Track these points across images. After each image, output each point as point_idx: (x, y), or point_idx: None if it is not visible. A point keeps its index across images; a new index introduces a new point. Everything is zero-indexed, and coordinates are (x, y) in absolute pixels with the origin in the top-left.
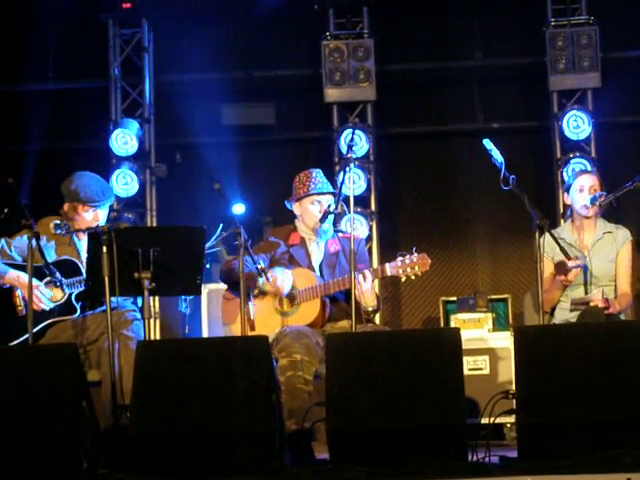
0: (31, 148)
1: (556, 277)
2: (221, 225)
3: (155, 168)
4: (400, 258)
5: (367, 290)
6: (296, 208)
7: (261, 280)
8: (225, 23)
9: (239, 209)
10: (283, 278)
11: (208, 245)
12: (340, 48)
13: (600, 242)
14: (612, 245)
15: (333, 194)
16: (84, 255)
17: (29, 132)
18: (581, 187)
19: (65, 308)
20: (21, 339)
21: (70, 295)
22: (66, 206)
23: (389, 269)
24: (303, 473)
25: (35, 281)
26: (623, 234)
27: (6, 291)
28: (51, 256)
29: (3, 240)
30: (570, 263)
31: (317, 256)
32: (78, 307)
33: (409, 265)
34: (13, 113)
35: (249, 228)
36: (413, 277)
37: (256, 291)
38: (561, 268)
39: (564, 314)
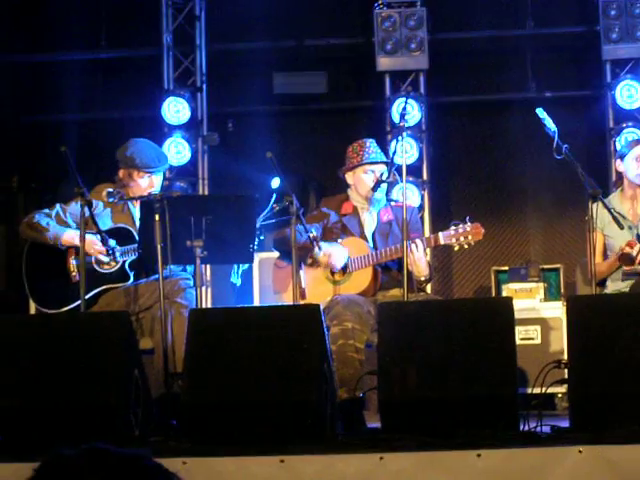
0: (83, 117)
1: (625, 268)
2: (274, 196)
3: (207, 137)
4: (453, 227)
5: (419, 259)
6: (349, 177)
7: (317, 251)
8: None
9: (275, 183)
10: (338, 254)
11: (261, 217)
12: (392, 17)
13: None
14: None
15: (386, 163)
16: (138, 222)
17: (81, 101)
18: (637, 156)
19: (118, 275)
20: (73, 305)
21: (123, 263)
22: (121, 172)
23: (442, 238)
24: (354, 441)
25: (92, 236)
26: None
27: (60, 258)
28: (107, 224)
29: (58, 206)
30: (634, 250)
31: (370, 225)
32: (132, 275)
33: (462, 234)
34: (65, 82)
35: (299, 197)
36: (466, 246)
37: (310, 260)
38: (626, 259)
39: (616, 284)
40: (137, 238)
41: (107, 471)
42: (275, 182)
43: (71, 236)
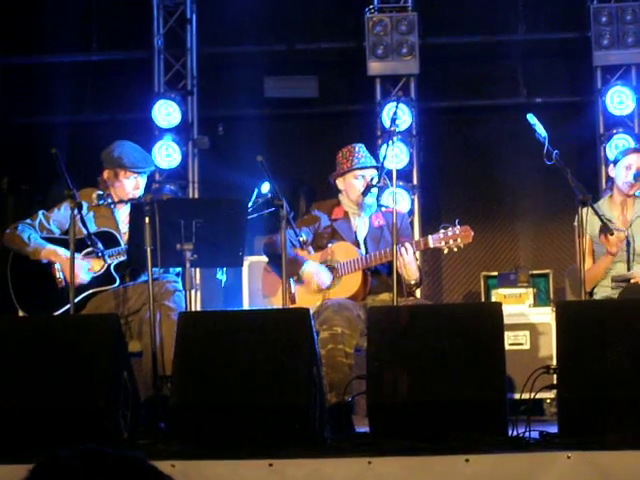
0: (74, 119)
1: (600, 239)
2: (256, 190)
3: (197, 140)
4: (443, 230)
5: (409, 262)
6: (340, 183)
7: (305, 265)
8: None
9: (265, 188)
10: (322, 274)
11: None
12: (384, 21)
13: (638, 220)
14: None
15: (376, 168)
16: (122, 226)
17: (72, 103)
18: (629, 165)
19: (105, 279)
20: (62, 310)
21: (109, 266)
22: (106, 173)
23: (432, 241)
24: (343, 446)
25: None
26: None
27: (46, 264)
28: (91, 227)
29: (41, 214)
30: (619, 233)
31: (362, 230)
32: (118, 278)
33: (452, 237)
34: (56, 84)
35: (289, 201)
36: (456, 249)
37: (296, 277)
38: (607, 230)
39: (605, 291)
40: (121, 241)
41: (103, 472)
42: (265, 187)
43: (50, 251)
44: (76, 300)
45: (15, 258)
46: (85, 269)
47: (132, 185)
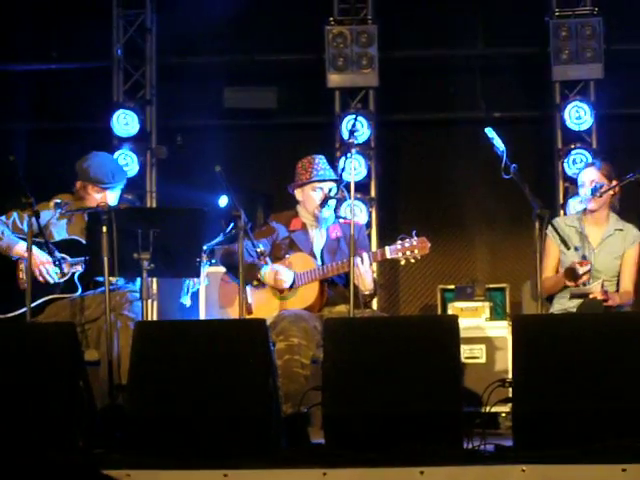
0: (33, 127)
1: (567, 282)
2: (232, 224)
3: (156, 150)
4: (400, 241)
5: (365, 272)
6: (298, 194)
7: (264, 268)
8: (228, 6)
9: (223, 201)
10: (284, 273)
11: (216, 242)
12: (343, 34)
13: (610, 238)
14: (621, 243)
15: (335, 181)
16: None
17: (31, 111)
18: (582, 182)
19: (67, 286)
20: (20, 311)
21: (73, 274)
22: (78, 184)
23: (389, 252)
24: (298, 456)
25: (47, 257)
26: (634, 235)
27: (11, 263)
28: (62, 234)
29: (15, 213)
30: (581, 269)
31: (319, 242)
32: (80, 287)
33: (409, 248)
34: (16, 92)
35: (247, 212)
36: (412, 260)
37: (255, 282)
38: (571, 274)
39: (562, 304)
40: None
41: None
42: (223, 200)
43: (22, 249)
44: (33, 305)
45: None
46: (54, 272)
47: (100, 198)
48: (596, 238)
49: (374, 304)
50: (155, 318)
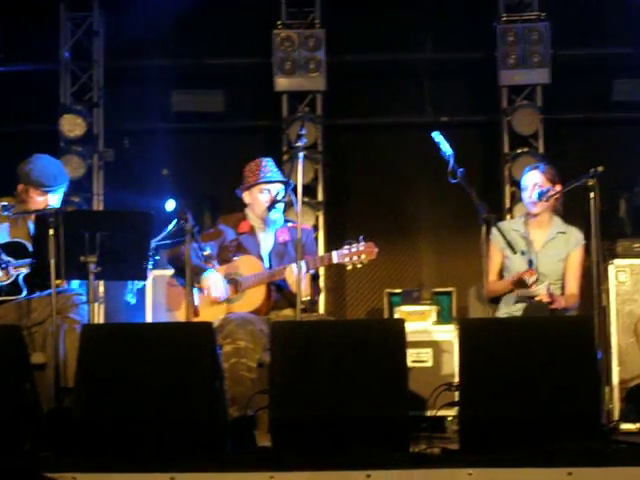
0: None
1: (514, 290)
2: (174, 221)
3: (103, 152)
4: (347, 246)
5: (300, 280)
6: (246, 196)
7: (205, 273)
8: (176, 9)
9: (170, 205)
10: (215, 286)
11: (158, 239)
12: (291, 37)
13: (553, 241)
14: (564, 246)
15: (283, 183)
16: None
17: None
18: (525, 185)
19: (11, 289)
20: None
21: (17, 276)
22: (19, 187)
23: (336, 257)
24: (245, 460)
25: None
26: (577, 237)
27: None
28: (4, 237)
29: None
30: (530, 279)
31: (266, 245)
32: (25, 289)
33: (356, 253)
34: None
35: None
36: (359, 265)
37: (199, 284)
38: (520, 285)
39: (508, 307)
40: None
41: None
42: (170, 204)
43: None
44: None
45: None
46: None
47: (42, 201)
48: (539, 241)
49: (321, 308)
50: (102, 321)
